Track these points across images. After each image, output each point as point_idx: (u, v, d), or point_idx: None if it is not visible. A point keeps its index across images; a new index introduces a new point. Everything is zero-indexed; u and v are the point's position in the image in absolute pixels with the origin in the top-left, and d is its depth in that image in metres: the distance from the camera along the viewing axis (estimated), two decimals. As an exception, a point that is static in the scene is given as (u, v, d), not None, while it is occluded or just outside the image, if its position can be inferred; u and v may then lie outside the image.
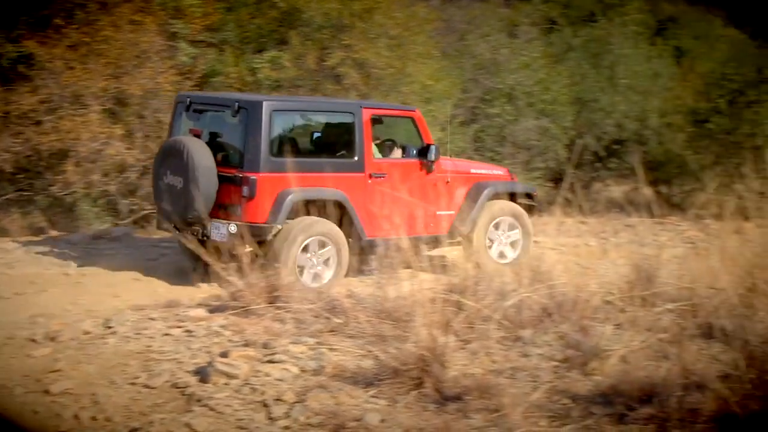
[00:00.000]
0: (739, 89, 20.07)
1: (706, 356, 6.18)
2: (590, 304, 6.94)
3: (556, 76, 19.48)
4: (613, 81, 20.85)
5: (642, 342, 6.23)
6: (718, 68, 21.20)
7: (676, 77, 22.97)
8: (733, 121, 19.40)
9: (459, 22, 20.48)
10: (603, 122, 20.39)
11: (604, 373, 5.87)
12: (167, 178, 10.45)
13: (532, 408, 5.29)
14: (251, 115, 10.28)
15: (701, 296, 6.89)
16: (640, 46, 22.17)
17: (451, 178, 11.72)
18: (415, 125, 11.56)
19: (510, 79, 18.56)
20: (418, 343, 5.80)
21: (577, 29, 23.12)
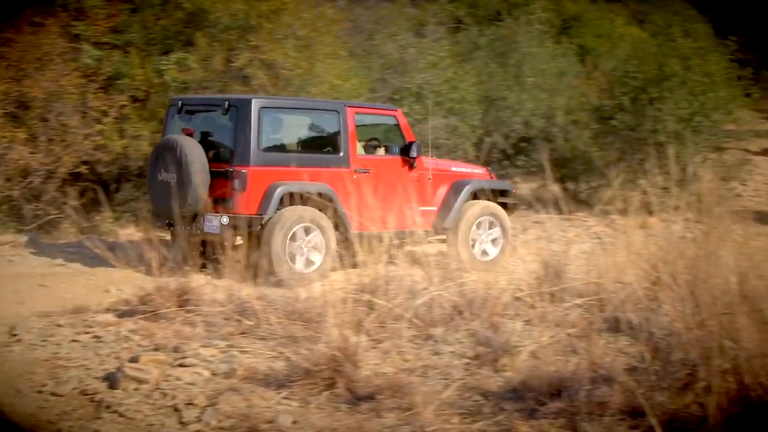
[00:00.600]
0: (641, 86, 20.42)
1: (613, 350, 6.29)
2: (500, 301, 7.03)
3: (463, 75, 19.62)
4: (520, 79, 21.07)
5: (551, 337, 6.32)
6: (621, 66, 21.55)
7: (581, 75, 23.32)
8: (636, 117, 19.74)
9: (366, 22, 20.52)
10: (511, 120, 20.59)
11: (514, 369, 5.94)
12: (161, 175, 10.86)
13: (443, 405, 5.33)
14: (241, 112, 10.84)
15: (608, 291, 7.00)
16: (546, 45, 22.45)
17: (432, 176, 12.19)
18: (397, 124, 12.13)
19: (418, 78, 18.63)
20: (329, 343, 5.80)
21: (484, 28, 23.33)
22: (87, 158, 14.12)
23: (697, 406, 4.83)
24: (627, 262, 7.06)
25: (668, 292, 5.42)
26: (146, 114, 14.75)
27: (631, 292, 6.43)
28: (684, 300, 5.20)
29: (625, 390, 5.06)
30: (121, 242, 12.23)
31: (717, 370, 4.70)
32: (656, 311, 5.69)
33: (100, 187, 13.89)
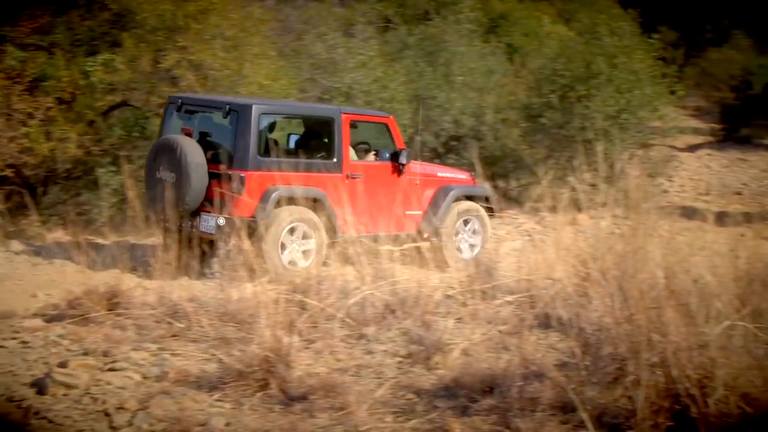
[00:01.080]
0: (569, 84, 20.63)
1: (544, 346, 6.36)
2: (432, 299, 7.05)
3: (393, 74, 19.66)
4: (449, 78, 21.16)
5: (483, 334, 6.37)
6: (549, 64, 21.76)
7: (510, 74, 23.50)
8: (564, 115, 19.95)
9: (295, 21, 20.49)
10: (440, 119, 20.68)
11: (447, 366, 5.96)
12: (159, 173, 11.07)
13: (377, 404, 5.34)
14: (241, 116, 11.08)
15: (539, 287, 7.07)
16: (474, 44, 22.57)
17: (419, 181, 12.59)
18: (388, 130, 12.45)
19: (347, 78, 18.62)
20: (262, 344, 5.78)
21: (412, 28, 23.39)
22: (13, 161, 13.92)
23: (626, 400, 4.90)
24: (557, 258, 7.14)
25: (597, 287, 5.48)
26: (73, 116, 14.57)
27: (561, 289, 6.51)
28: (613, 295, 5.26)
29: (556, 385, 5.12)
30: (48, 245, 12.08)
31: (645, 363, 4.77)
32: (586, 307, 5.76)
33: (27, 190, 13.70)
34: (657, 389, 4.71)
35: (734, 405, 4.51)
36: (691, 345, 4.74)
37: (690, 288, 5.31)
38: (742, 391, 4.58)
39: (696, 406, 4.56)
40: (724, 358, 4.66)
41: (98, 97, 14.51)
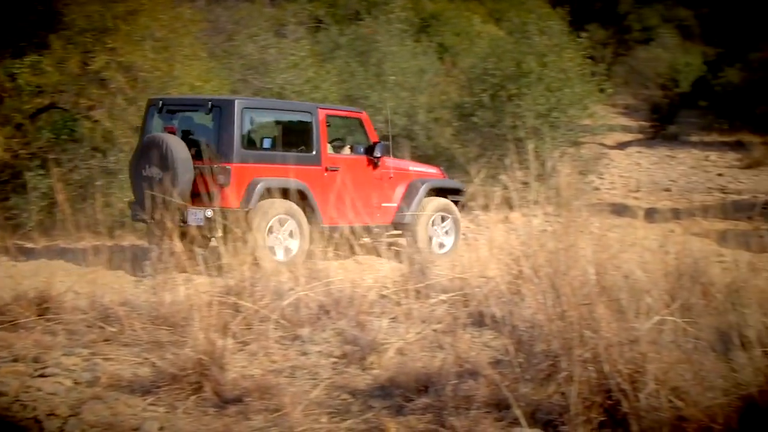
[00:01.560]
0: (500, 84, 20.79)
1: (479, 344, 6.40)
2: (366, 299, 7.06)
3: (325, 74, 19.68)
4: (381, 78, 21.22)
5: (417, 334, 6.38)
6: (480, 63, 21.90)
7: (441, 73, 23.62)
8: (496, 114, 20.11)
9: (226, 22, 20.41)
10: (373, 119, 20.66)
11: (381, 366, 5.97)
12: (146, 170, 11.31)
13: (312, 405, 5.33)
14: (225, 112, 11.52)
15: (472, 286, 7.12)
16: (406, 44, 22.66)
17: (393, 174, 13.19)
18: (362, 125, 13.17)
19: (279, 78, 18.62)
20: (195, 347, 5.74)
21: (344, 28, 23.43)
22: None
23: (559, 396, 4.94)
24: (490, 257, 7.19)
25: (530, 285, 5.52)
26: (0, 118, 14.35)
27: (495, 287, 6.55)
28: (545, 292, 5.31)
29: (490, 383, 5.15)
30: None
31: (578, 359, 4.81)
32: (519, 304, 5.80)
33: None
34: (589, 385, 4.76)
35: (665, 399, 4.57)
36: (622, 340, 4.79)
37: (621, 284, 5.38)
38: (672, 385, 4.65)
39: (627, 400, 4.62)
40: (654, 353, 4.72)
41: (26, 100, 14.32)
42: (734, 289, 6.33)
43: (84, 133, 14.80)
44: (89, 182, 14.80)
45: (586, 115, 22.25)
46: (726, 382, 4.74)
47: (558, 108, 20.77)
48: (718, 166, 31.73)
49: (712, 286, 6.73)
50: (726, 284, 6.65)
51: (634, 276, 5.64)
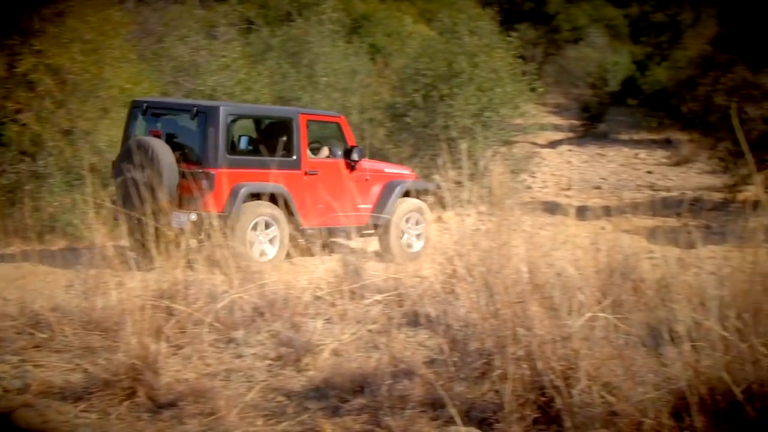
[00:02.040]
0: (432, 84, 20.86)
1: (413, 343, 6.42)
2: (301, 300, 7.05)
3: (256, 76, 19.60)
4: (314, 79, 21.20)
5: (352, 334, 6.38)
6: (412, 64, 21.96)
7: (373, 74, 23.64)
8: (428, 114, 20.17)
9: (156, 24, 20.21)
10: (306, 120, 20.64)
11: (317, 367, 5.97)
12: (132, 173, 11.30)
13: (247, 408, 5.30)
14: (210, 117, 11.74)
15: (406, 286, 7.14)
16: (337, 45, 22.65)
17: (369, 176, 13.45)
18: (340, 129, 13.37)
19: (211, 80, 18.50)
20: (128, 352, 5.68)
21: (275, 29, 23.36)
22: None
23: (494, 394, 4.98)
24: (424, 256, 7.22)
25: (464, 284, 5.56)
26: (-77, 122, 14.11)
27: (429, 286, 6.59)
28: (479, 291, 5.34)
29: (425, 382, 5.17)
30: None
31: (511, 357, 4.85)
32: (453, 303, 5.83)
33: None
34: (523, 382, 4.80)
35: (597, 394, 4.63)
36: (555, 337, 4.84)
37: (553, 282, 5.43)
38: (604, 381, 4.70)
39: (560, 397, 4.66)
40: (586, 350, 4.78)
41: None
42: (664, 285, 6.43)
43: (11, 137, 14.55)
44: (17, 187, 14.56)
45: (518, 115, 22.42)
46: (656, 377, 4.81)
47: (490, 107, 20.90)
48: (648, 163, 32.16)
49: (642, 282, 6.83)
50: (656, 280, 6.75)
51: (567, 273, 5.69)
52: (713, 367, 4.44)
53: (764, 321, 4.79)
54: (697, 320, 4.72)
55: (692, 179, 30.24)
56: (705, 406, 4.40)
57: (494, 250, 5.48)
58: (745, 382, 4.35)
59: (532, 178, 25.97)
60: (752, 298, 4.84)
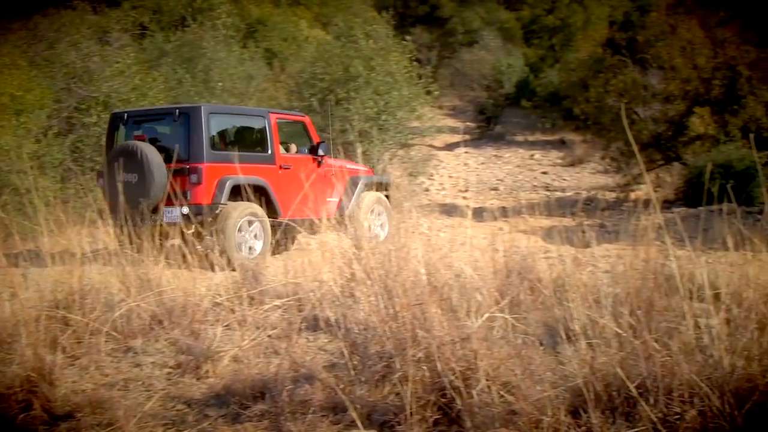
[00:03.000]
0: (328, 88, 20.88)
1: (314, 348, 6.41)
2: (200, 307, 6.98)
3: (151, 81, 19.32)
4: (210, 84, 21.03)
5: (252, 340, 6.34)
6: (308, 68, 21.94)
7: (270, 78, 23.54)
8: (325, 118, 20.11)
9: (47, 30, 19.78)
10: (202, 125, 20.47)
11: (217, 374, 5.91)
12: (121, 176, 11.43)
13: (146, 418, 5.23)
14: (192, 117, 12.42)
15: (306, 290, 7.12)
16: (233, 49, 22.52)
17: (334, 171, 14.12)
18: (305, 128, 14.25)
19: (105, 86, 18.16)
20: (23, 364, 5.56)
21: (170, 34, 23.10)
22: None
23: (395, 396, 4.99)
24: (323, 260, 7.21)
25: (363, 287, 5.56)
26: None
27: (328, 290, 6.57)
28: (378, 294, 5.35)
29: (326, 387, 5.16)
30: None
31: (411, 359, 4.87)
32: (353, 307, 5.83)
33: None
34: (423, 384, 4.82)
35: (496, 394, 4.67)
36: (454, 339, 4.87)
37: (452, 283, 5.47)
38: (503, 381, 4.75)
39: (461, 397, 4.70)
40: (485, 350, 4.82)
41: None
42: (560, 284, 6.52)
43: None
44: None
45: (414, 117, 22.57)
46: (554, 375, 4.88)
47: (386, 111, 21.01)
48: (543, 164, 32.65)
49: (539, 282, 6.92)
50: (552, 279, 6.85)
51: (465, 275, 5.74)
52: (608, 363, 4.52)
53: (657, 317, 4.90)
54: (593, 318, 4.80)
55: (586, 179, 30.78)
56: (601, 402, 4.47)
57: (393, 252, 5.50)
58: (639, 377, 4.44)
59: (430, 180, 26.16)
60: (645, 295, 4.95)
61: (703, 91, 24.12)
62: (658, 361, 4.45)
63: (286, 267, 8.24)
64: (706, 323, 4.64)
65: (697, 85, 24.12)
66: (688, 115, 24.59)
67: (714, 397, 4.26)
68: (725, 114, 23.63)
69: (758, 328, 4.43)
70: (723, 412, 4.24)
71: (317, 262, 7.42)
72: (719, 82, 23.71)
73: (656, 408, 4.32)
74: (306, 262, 7.74)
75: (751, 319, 4.47)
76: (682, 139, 25.20)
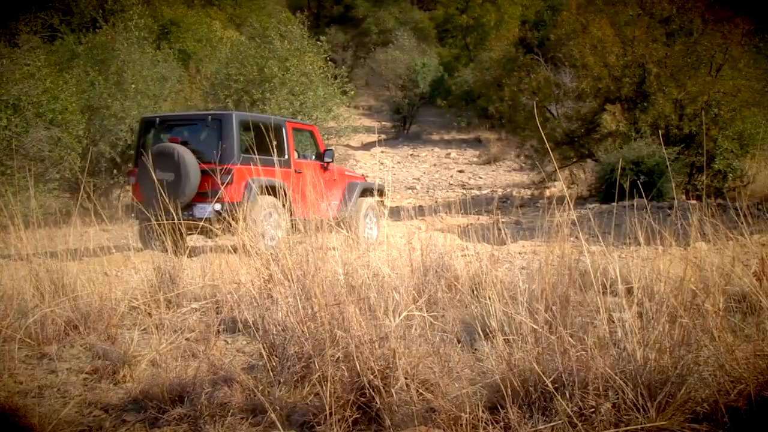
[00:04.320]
0: (243, 89, 20.78)
1: (232, 350, 6.38)
2: (116, 312, 6.90)
3: (63, 84, 19.03)
4: (123, 87, 20.78)
5: (170, 344, 6.28)
6: (223, 69, 21.82)
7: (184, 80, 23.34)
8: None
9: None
10: (116, 128, 20.27)
11: (134, 379, 5.85)
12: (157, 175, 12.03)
13: (62, 424, 5.14)
14: (225, 123, 13.58)
15: (224, 292, 7.08)
16: (146, 51, 22.27)
17: (336, 177, 15.69)
18: (313, 136, 15.70)
19: (15, 89, 17.82)
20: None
21: (81, 36, 22.78)
22: None
23: (314, 397, 4.98)
24: (240, 262, 7.17)
25: (281, 288, 5.55)
26: None
27: (246, 292, 6.54)
28: (296, 295, 5.34)
29: (245, 389, 5.13)
30: None
31: (330, 359, 4.87)
32: (270, 308, 5.80)
33: None
34: (343, 384, 4.82)
35: (415, 392, 4.69)
36: (372, 338, 4.88)
37: (370, 283, 5.48)
38: (421, 379, 4.77)
39: (380, 396, 4.70)
40: (403, 348, 4.83)
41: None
42: (477, 281, 6.58)
43: None
44: None
45: (331, 118, 22.59)
46: (472, 372, 4.91)
47: (302, 111, 21.00)
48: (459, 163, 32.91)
49: (456, 279, 6.98)
50: (469, 277, 6.91)
51: (383, 274, 5.75)
52: (525, 359, 4.56)
53: (572, 313, 4.96)
54: (509, 315, 4.84)
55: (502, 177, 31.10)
56: (518, 397, 4.51)
57: (310, 252, 5.49)
58: (555, 372, 4.49)
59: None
60: (560, 291, 5.01)
61: (614, 89, 24.48)
62: (573, 356, 4.50)
63: (204, 269, 8.19)
64: (619, 317, 4.71)
65: (608, 83, 24.48)
66: (600, 113, 24.94)
67: (628, 389, 4.32)
68: (636, 111, 24.01)
69: (669, 321, 4.51)
70: (637, 404, 4.30)
71: (235, 264, 7.38)
72: (629, 79, 24.09)
73: (572, 402, 4.37)
74: (223, 264, 7.71)
75: (662, 312, 4.55)
76: (595, 136, 25.56)
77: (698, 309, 4.65)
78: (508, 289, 5.32)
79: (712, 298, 4.71)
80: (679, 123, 23.26)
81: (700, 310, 4.64)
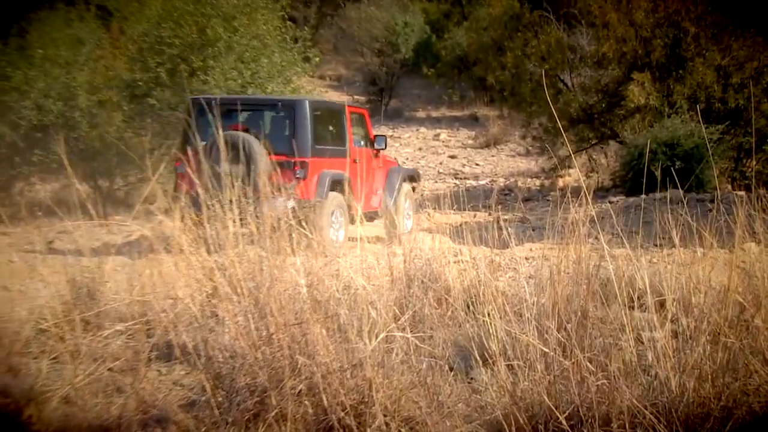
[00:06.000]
0: (180, 55, 20.68)
1: (167, 382, 6.36)
2: (20, 336, 6.87)
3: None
4: (26, 52, 20.67)
5: (89, 375, 6.26)
6: (154, 30, 21.68)
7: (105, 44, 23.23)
8: (177, 93, 19.94)
9: None
10: (18, 105, 20.16)
11: (43, 420, 5.83)
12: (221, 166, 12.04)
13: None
14: (298, 111, 14.82)
15: (156, 310, 7.05)
16: (57, 8, 22.16)
17: (382, 164, 17.12)
18: (363, 120, 16.92)
19: None
20: None
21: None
22: None
23: (270, 439, 4.98)
24: (177, 272, 7.14)
25: (228, 304, 5.53)
26: None
27: (185, 309, 6.52)
28: (247, 312, 5.33)
29: (182, 430, 5.12)
30: None
31: (291, 393, 4.87)
32: (215, 330, 5.79)
33: None
34: (306, 423, 4.82)
35: (396, 432, 4.69)
36: (343, 366, 4.88)
37: (339, 297, 5.47)
38: (404, 416, 4.78)
39: (353, 438, 4.71)
40: (382, 378, 4.83)
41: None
42: (473, 294, 6.58)
43: None
44: None
45: (290, 91, 22.51)
46: (467, 407, 4.92)
47: (254, 82, 20.92)
48: (451, 146, 32.93)
49: (447, 292, 6.97)
50: (463, 289, 6.91)
51: (356, 285, 5.75)
52: (533, 390, 4.58)
53: (590, 332, 4.96)
54: (514, 335, 4.85)
55: (503, 164, 31.15)
56: (525, 437, 4.53)
57: (264, 260, 5.48)
58: (570, 405, 4.50)
59: (310, 168, 26.08)
60: (576, 305, 5.02)
61: (643, 54, 24.51)
62: (593, 385, 4.52)
63: (131, 281, 8.16)
64: (649, 337, 4.73)
65: (635, 46, 24.49)
66: (626, 83, 24.94)
67: (660, 426, 4.34)
68: (669, 81, 24.05)
69: (711, 341, 4.52)
70: (672, 444, 4.33)
71: (170, 274, 7.35)
72: (661, 41, 24.11)
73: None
74: (156, 275, 7.67)
75: (702, 330, 4.57)
76: (619, 112, 25.56)
77: (746, 326, 4.67)
78: (511, 303, 5.34)
79: (763, 313, 4.72)
80: (723, 95, 23.33)
81: (749, 327, 4.66)
